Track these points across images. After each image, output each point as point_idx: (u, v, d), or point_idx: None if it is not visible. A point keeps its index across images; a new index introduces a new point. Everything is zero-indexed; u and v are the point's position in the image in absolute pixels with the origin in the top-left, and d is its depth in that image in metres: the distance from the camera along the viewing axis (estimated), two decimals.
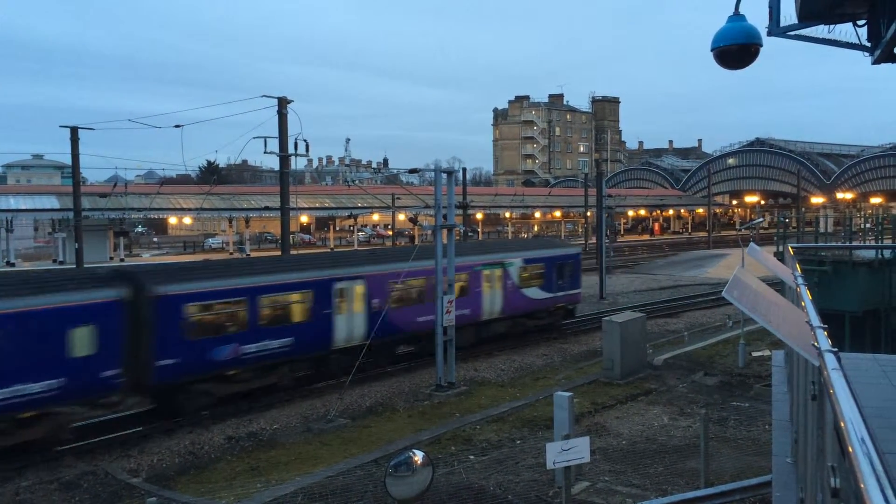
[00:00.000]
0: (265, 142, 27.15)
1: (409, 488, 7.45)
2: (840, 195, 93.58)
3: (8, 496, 13.99)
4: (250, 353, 19.16)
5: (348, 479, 14.06)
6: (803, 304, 5.14)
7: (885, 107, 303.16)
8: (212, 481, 14.58)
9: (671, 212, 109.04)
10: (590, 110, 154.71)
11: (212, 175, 76.19)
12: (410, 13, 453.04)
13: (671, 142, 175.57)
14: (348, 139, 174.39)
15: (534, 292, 27.80)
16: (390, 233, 77.96)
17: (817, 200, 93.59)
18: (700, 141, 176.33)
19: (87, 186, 57.17)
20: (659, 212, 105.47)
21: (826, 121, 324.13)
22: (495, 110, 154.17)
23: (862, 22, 9.94)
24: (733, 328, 29.09)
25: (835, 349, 3.44)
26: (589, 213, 71.60)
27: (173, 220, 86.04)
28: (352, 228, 78.31)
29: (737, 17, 8.60)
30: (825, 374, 3.09)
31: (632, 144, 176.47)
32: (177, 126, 30.36)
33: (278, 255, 36.28)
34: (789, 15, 10.19)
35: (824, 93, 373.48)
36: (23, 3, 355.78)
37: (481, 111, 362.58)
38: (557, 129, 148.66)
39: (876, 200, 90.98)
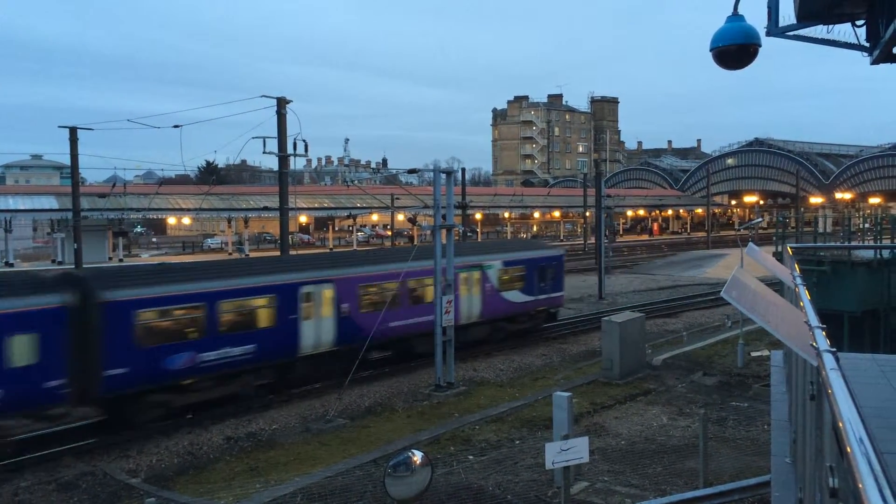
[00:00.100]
0: (264, 142, 27.21)
1: (408, 488, 7.45)
2: (839, 195, 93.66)
3: (7, 496, 13.98)
4: (209, 362, 18.40)
5: (347, 480, 14.07)
6: (802, 304, 5.14)
7: (884, 107, 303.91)
8: (211, 481, 14.58)
9: (670, 212, 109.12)
10: (589, 110, 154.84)
11: (211, 175, 76.20)
12: (410, 13, 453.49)
13: (670, 142, 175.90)
14: (347, 139, 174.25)
15: (514, 295, 27.23)
16: (389, 233, 77.95)
17: (816, 200, 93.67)
18: (699, 141, 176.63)
19: (85, 187, 57.19)
20: (658, 212, 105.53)
21: (825, 121, 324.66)
22: (494, 110, 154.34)
23: (861, 22, 9.95)
24: (732, 328, 29.11)
25: (833, 349, 3.44)
26: (588, 214, 71.62)
27: (172, 220, 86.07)
28: (351, 229, 78.32)
29: (735, 17, 8.61)
30: (823, 374, 3.09)
31: (631, 144, 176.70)
32: (176, 126, 30.42)
33: (244, 258, 35.92)
34: (788, 15, 10.20)
35: (823, 93, 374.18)
36: (22, 3, 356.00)
37: (480, 111, 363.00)
38: (556, 130, 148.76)
39: (875, 200, 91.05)
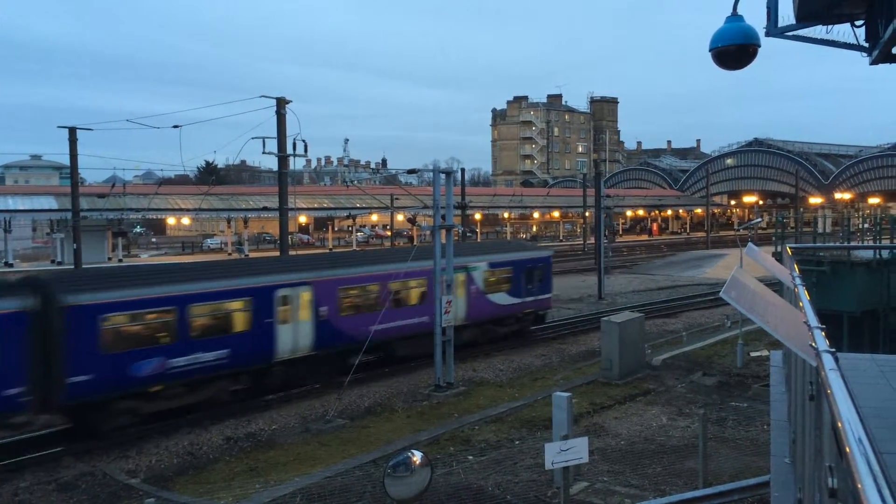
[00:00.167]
0: (264, 142, 27.22)
1: (407, 489, 7.45)
2: (838, 195, 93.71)
3: (6, 497, 13.98)
4: (179, 368, 17.73)
5: (347, 480, 14.07)
6: (801, 304, 5.14)
7: (883, 107, 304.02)
8: (210, 482, 14.58)
9: (669, 212, 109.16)
10: (588, 111, 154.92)
11: (210, 175, 76.18)
12: (410, 13, 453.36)
13: (669, 142, 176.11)
14: (347, 139, 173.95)
15: (501, 298, 26.71)
16: (389, 233, 77.96)
17: (815, 200, 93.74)
18: (698, 141, 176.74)
19: (85, 187, 57.21)
20: (657, 212, 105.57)
21: (824, 121, 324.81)
22: (494, 111, 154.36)
23: (860, 22, 9.96)
24: (731, 328, 29.12)
25: (832, 350, 3.45)
26: (587, 214, 71.64)
27: (172, 220, 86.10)
28: (350, 229, 78.33)
29: (735, 17, 8.61)
30: (823, 374, 3.09)
31: (630, 145, 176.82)
32: (175, 126, 30.42)
33: (219, 259, 35.52)
34: (787, 15, 10.21)
35: (822, 93, 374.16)
36: (22, 3, 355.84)
37: (480, 111, 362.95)
38: (556, 130, 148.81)
39: (874, 200, 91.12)
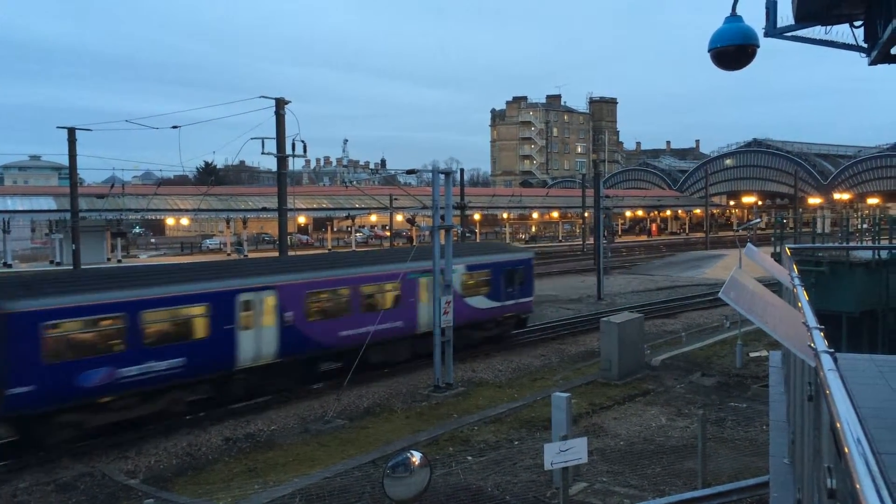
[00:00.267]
0: (263, 143, 27.23)
1: (406, 489, 7.45)
2: (837, 196, 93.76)
3: (5, 498, 13.97)
4: (130, 377, 16.82)
5: (346, 481, 14.06)
6: (800, 304, 5.14)
7: (882, 108, 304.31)
8: (209, 482, 14.57)
9: (669, 212, 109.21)
10: (587, 111, 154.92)
11: (209, 176, 76.14)
12: (410, 14, 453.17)
13: (669, 142, 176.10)
14: (346, 140, 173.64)
15: (479, 301, 25.84)
16: (388, 234, 77.95)
17: (814, 201, 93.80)
18: (697, 142, 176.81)
19: (84, 187, 57.22)
20: (656, 212, 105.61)
21: (823, 122, 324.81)
22: (493, 111, 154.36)
23: (858, 23, 9.98)
24: (731, 329, 29.13)
25: (831, 350, 3.45)
26: (587, 214, 71.66)
27: (171, 221, 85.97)
28: (350, 229, 78.34)
29: (734, 17, 8.62)
30: (821, 375, 3.09)
31: (629, 145, 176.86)
32: (174, 127, 30.43)
33: (175, 262, 34.92)
34: (786, 16, 10.24)
35: (821, 94, 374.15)
36: (22, 3, 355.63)
37: (479, 112, 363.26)
38: (555, 130, 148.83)
39: (873, 201, 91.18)
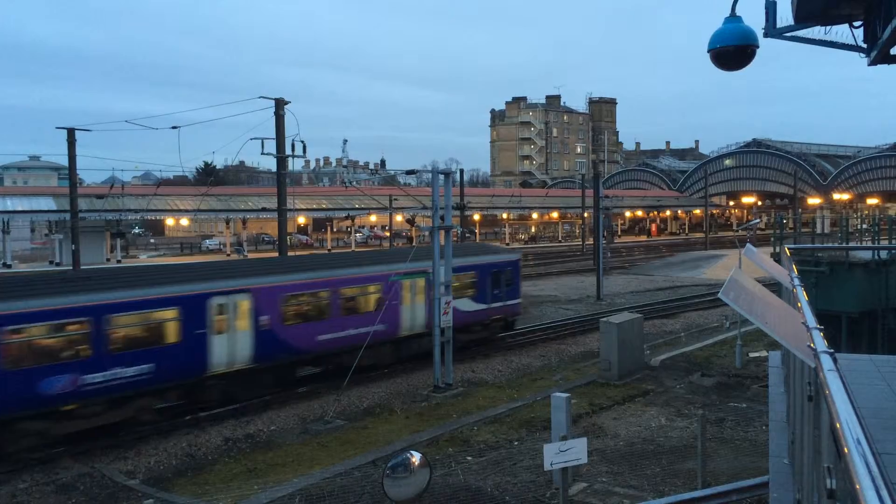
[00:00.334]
0: (262, 143, 27.27)
1: (406, 490, 7.46)
2: (837, 196, 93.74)
3: (5, 498, 13.96)
4: (95, 384, 16.31)
5: (346, 481, 14.06)
6: (800, 305, 5.15)
7: (882, 108, 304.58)
8: (209, 483, 14.57)
9: (668, 213, 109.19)
10: (587, 111, 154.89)
11: (209, 176, 76.10)
12: (410, 14, 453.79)
13: (668, 143, 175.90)
14: (346, 140, 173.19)
15: (464, 304, 24.99)
16: (388, 234, 77.95)
17: (814, 201, 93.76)
18: (697, 142, 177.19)
19: (83, 188, 57.17)
20: (656, 213, 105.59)
21: (822, 122, 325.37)
22: (493, 111, 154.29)
23: (858, 23, 9.99)
24: (730, 329, 29.13)
25: (831, 350, 3.46)
26: (586, 215, 71.67)
27: (170, 221, 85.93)
28: (349, 230, 78.32)
29: (733, 18, 8.63)
30: (821, 375, 3.10)
31: (629, 145, 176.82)
32: (174, 127, 30.45)
33: (152, 264, 34.42)
34: (786, 16, 10.24)
35: (821, 94, 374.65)
36: (22, 4, 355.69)
37: (479, 112, 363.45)
38: (555, 131, 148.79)
39: (872, 201, 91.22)
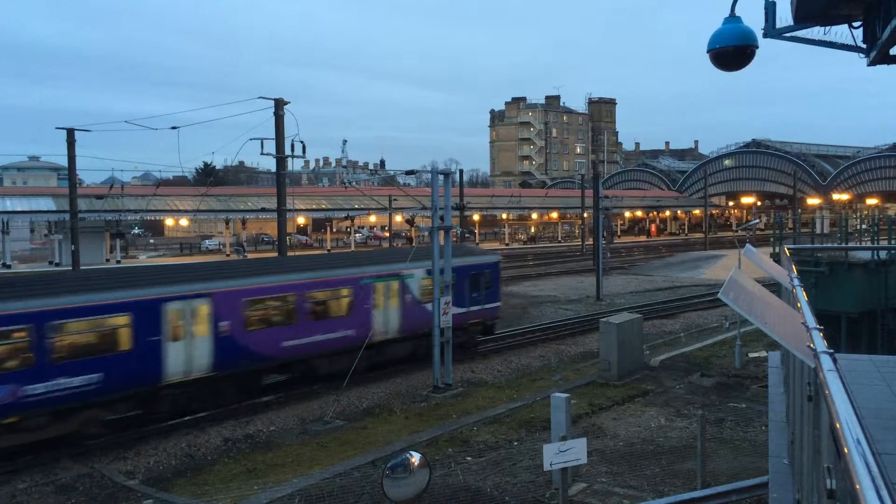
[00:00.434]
0: (262, 143, 27.26)
1: (406, 490, 7.46)
2: (836, 196, 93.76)
3: (4, 499, 13.95)
4: (37, 396, 15.55)
5: (345, 481, 14.05)
6: (799, 305, 5.15)
7: (881, 108, 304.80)
8: (209, 483, 14.56)
9: (668, 213, 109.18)
10: (586, 111, 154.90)
11: (208, 176, 76.09)
12: (410, 15, 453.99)
13: (668, 143, 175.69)
14: (345, 140, 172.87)
15: None
16: (387, 234, 77.96)
17: (813, 201, 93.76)
18: (696, 142, 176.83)
19: (83, 188, 57.18)
20: (655, 213, 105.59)
21: (822, 122, 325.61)
22: (492, 112, 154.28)
23: (857, 24, 9.99)
24: (730, 329, 29.13)
25: (831, 350, 3.46)
26: (586, 215, 71.67)
27: (170, 221, 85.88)
28: (349, 230, 78.30)
29: (733, 18, 8.63)
30: (821, 375, 3.10)
31: (628, 146, 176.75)
32: (173, 127, 30.45)
33: (95, 268, 33.74)
34: (785, 17, 10.25)
35: (820, 94, 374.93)
36: (21, 4, 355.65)
37: (479, 112, 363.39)
38: (554, 131, 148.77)
39: (872, 201, 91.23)
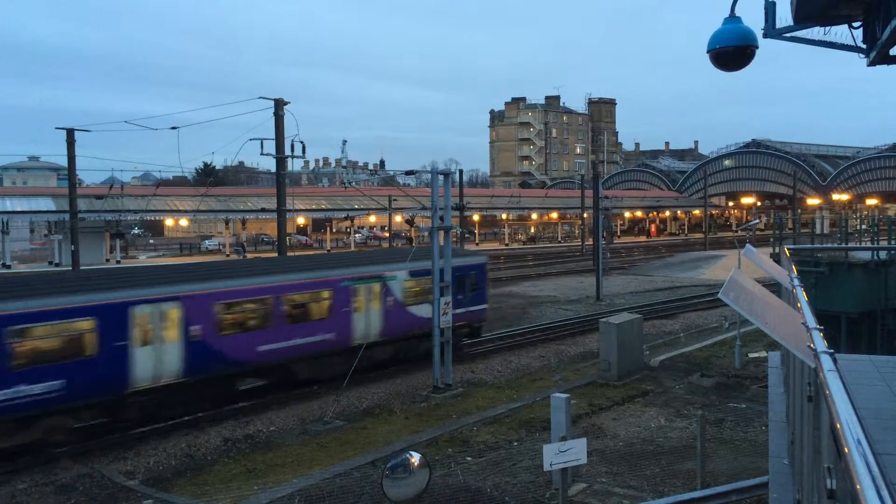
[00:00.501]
0: (262, 143, 27.28)
1: (406, 490, 7.46)
2: (836, 196, 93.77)
3: (4, 499, 13.95)
4: None
5: (345, 481, 14.05)
6: (799, 305, 5.15)
7: (881, 108, 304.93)
8: (209, 483, 14.56)
9: (668, 213, 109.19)
10: (586, 112, 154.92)
11: (208, 177, 76.09)
12: (410, 15, 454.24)
13: (667, 143, 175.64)
14: (345, 141, 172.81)
15: (424, 310, 23.30)
16: (387, 234, 77.97)
17: (813, 202, 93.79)
18: (696, 142, 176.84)
19: (83, 188, 57.17)
20: (655, 213, 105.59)
21: (822, 122, 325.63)
22: (492, 112, 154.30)
23: (857, 24, 9.99)
24: (730, 329, 29.12)
25: (831, 351, 3.45)
26: (586, 215, 71.68)
27: (170, 221, 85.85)
28: (349, 230, 78.30)
29: (733, 18, 8.64)
30: (821, 375, 3.10)
31: (628, 146, 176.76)
32: (173, 128, 30.52)
33: (63, 270, 33.23)
34: (785, 17, 10.25)
35: (820, 95, 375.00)
36: (21, 4, 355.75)
37: (479, 113, 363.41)
38: (554, 131, 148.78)
39: (871, 202, 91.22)
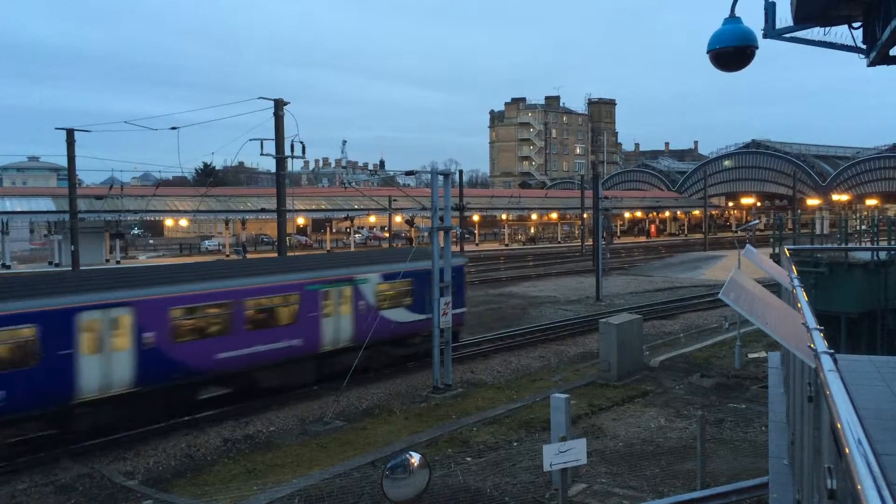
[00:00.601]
0: (261, 144, 27.29)
1: (405, 490, 7.47)
2: (836, 197, 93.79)
3: (4, 499, 13.95)
4: None
5: (345, 482, 14.05)
6: (799, 305, 5.15)
7: (881, 108, 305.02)
8: (208, 484, 14.56)
9: (667, 213, 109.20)
10: (586, 112, 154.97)
11: (208, 177, 76.12)
12: (410, 15, 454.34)
13: (667, 144, 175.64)
14: (345, 141, 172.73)
15: (399, 314, 22.80)
16: (387, 234, 77.96)
17: (813, 202, 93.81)
18: (696, 143, 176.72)
19: (83, 188, 57.18)
20: (655, 214, 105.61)
21: (822, 123, 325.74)
22: (492, 112, 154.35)
23: (857, 24, 10.00)
24: (729, 330, 29.12)
25: (831, 351, 3.45)
26: (585, 215, 71.71)
27: (170, 222, 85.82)
28: (348, 230, 78.31)
29: (733, 19, 8.64)
30: (821, 375, 3.10)
31: (628, 146, 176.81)
32: (173, 128, 30.51)
33: (1, 275, 32.63)
34: (785, 17, 10.25)
35: (820, 95, 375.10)
36: (21, 4, 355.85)
37: (479, 113, 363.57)
38: (554, 131, 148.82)
39: (871, 202, 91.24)
